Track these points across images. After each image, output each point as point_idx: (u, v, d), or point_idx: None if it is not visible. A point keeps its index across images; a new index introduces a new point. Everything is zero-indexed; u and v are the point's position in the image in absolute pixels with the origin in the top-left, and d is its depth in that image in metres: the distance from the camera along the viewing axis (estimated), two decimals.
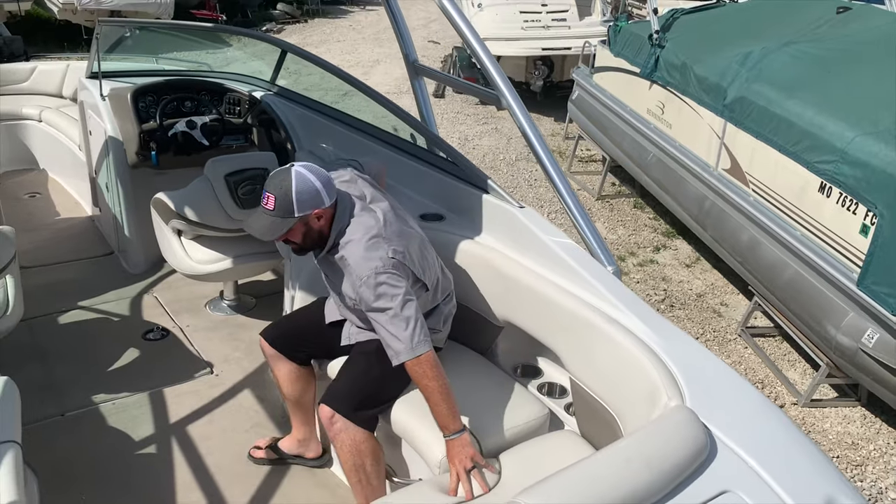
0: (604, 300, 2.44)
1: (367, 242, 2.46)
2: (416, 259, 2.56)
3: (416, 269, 2.54)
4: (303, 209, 2.42)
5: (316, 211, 2.46)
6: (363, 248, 2.45)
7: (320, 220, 2.50)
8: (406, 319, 2.37)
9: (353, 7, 21.51)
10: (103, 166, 4.63)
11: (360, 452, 2.54)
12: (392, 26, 3.50)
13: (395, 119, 3.61)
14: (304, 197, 2.41)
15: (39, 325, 3.93)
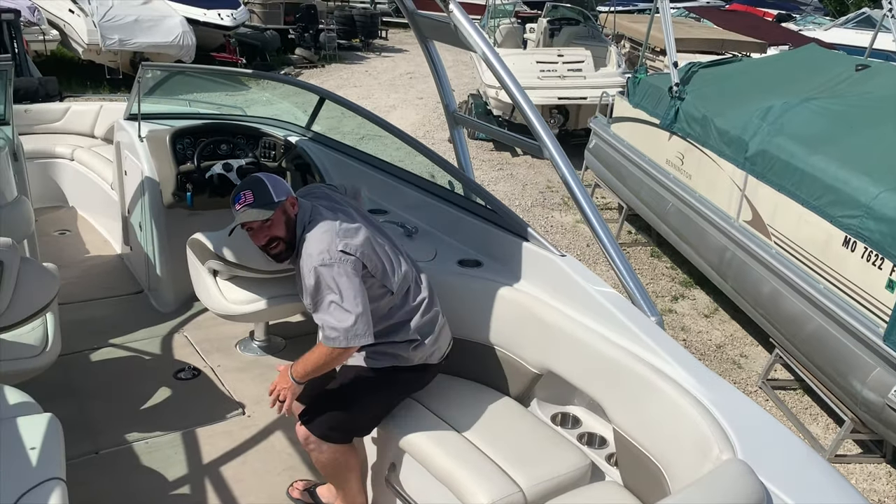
0: (648, 350, 2.48)
1: (320, 236, 2.62)
2: (374, 260, 2.68)
3: (372, 267, 2.67)
4: (279, 194, 2.66)
5: (290, 197, 2.70)
6: (316, 240, 2.62)
7: (294, 208, 2.70)
8: (347, 311, 2.53)
9: (369, 53, 21.90)
10: (138, 206, 4.71)
11: (337, 465, 2.80)
12: (433, 76, 3.60)
13: (433, 166, 3.70)
14: (276, 184, 2.70)
15: (73, 361, 3.96)
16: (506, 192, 9.42)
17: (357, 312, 2.53)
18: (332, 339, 2.56)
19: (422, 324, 2.82)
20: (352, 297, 2.54)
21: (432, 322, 2.86)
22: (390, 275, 2.74)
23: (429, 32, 3.47)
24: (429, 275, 2.95)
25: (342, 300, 2.53)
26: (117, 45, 14.17)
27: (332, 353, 2.60)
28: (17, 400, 2.71)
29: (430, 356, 2.87)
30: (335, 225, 2.66)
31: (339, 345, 2.56)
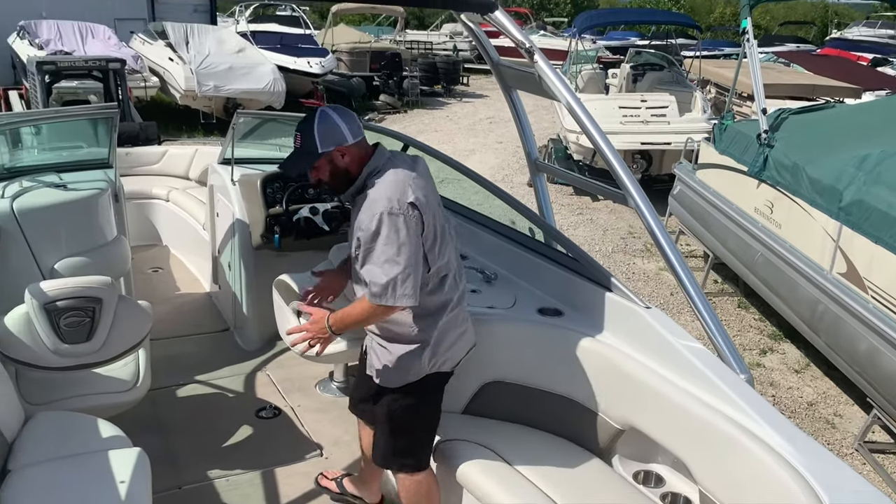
0: (737, 409, 2.38)
1: (393, 183, 2.54)
2: (431, 226, 2.59)
3: (427, 232, 2.57)
4: (325, 145, 2.57)
5: (339, 147, 2.59)
6: (386, 186, 2.53)
7: (345, 158, 2.61)
8: (399, 265, 2.45)
9: (450, 99, 22.29)
10: (227, 246, 4.89)
11: (419, 495, 2.89)
12: (516, 125, 3.62)
13: (513, 213, 3.70)
14: (325, 133, 2.57)
15: (160, 396, 4.09)
16: (586, 237, 9.32)
17: (410, 270, 2.46)
18: (377, 294, 2.48)
19: (446, 321, 2.74)
20: (408, 254, 2.46)
21: (454, 324, 2.78)
22: (435, 251, 2.64)
23: (513, 82, 3.51)
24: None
25: (398, 254, 2.45)
26: (212, 91, 14.89)
27: (374, 311, 2.54)
28: (109, 433, 2.81)
29: (441, 363, 2.78)
30: (410, 175, 2.59)
31: (383, 302, 2.48)
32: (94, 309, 3.11)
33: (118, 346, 3.26)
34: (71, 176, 4.41)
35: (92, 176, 4.43)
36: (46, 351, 3.08)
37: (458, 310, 2.80)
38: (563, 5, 48.96)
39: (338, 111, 2.66)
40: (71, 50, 14.68)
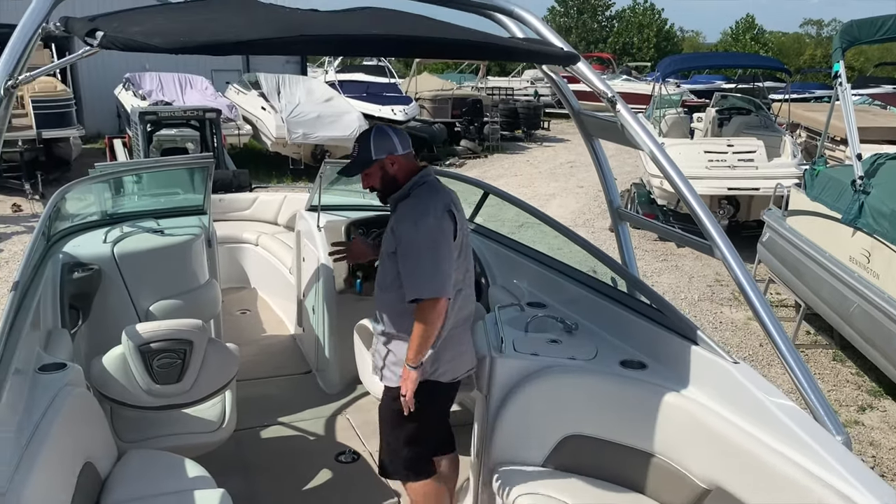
0: (834, 474, 2.25)
1: (435, 193, 2.96)
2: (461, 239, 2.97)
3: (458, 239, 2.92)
4: (379, 153, 2.95)
5: (390, 156, 2.96)
6: (429, 196, 2.94)
7: (394, 166, 2.98)
8: (437, 262, 2.80)
9: (530, 143, 22.40)
10: (312, 290, 5.01)
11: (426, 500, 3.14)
12: (598, 173, 3.61)
13: (594, 261, 3.66)
14: (379, 143, 2.96)
15: (244, 437, 4.19)
16: (670, 284, 9.10)
17: (447, 267, 2.82)
18: (418, 289, 2.79)
19: (451, 333, 3.01)
20: (446, 253, 2.83)
21: (459, 340, 3.08)
22: (458, 263, 2.96)
23: (594, 131, 3.50)
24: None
25: (437, 253, 2.80)
26: (301, 139, 15.45)
27: (424, 309, 2.79)
28: (194, 473, 2.89)
29: (440, 373, 3.03)
30: (448, 192, 3.03)
31: (429, 295, 2.77)
32: (186, 351, 3.24)
33: (206, 388, 3.37)
34: (168, 222, 4.64)
35: (187, 222, 4.65)
36: (140, 391, 3.22)
37: (463, 327, 3.11)
38: (646, 50, 48.78)
39: (391, 128, 3.07)
40: (171, 100, 15.55)
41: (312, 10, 3.15)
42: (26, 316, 2.96)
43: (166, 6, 2.94)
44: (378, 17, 3.02)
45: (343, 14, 3.09)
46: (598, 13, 51.27)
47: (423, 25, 2.88)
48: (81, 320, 3.81)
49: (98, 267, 3.95)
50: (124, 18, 2.52)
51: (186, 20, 2.52)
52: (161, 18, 2.55)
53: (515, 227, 8.96)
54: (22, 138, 14.59)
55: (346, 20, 2.90)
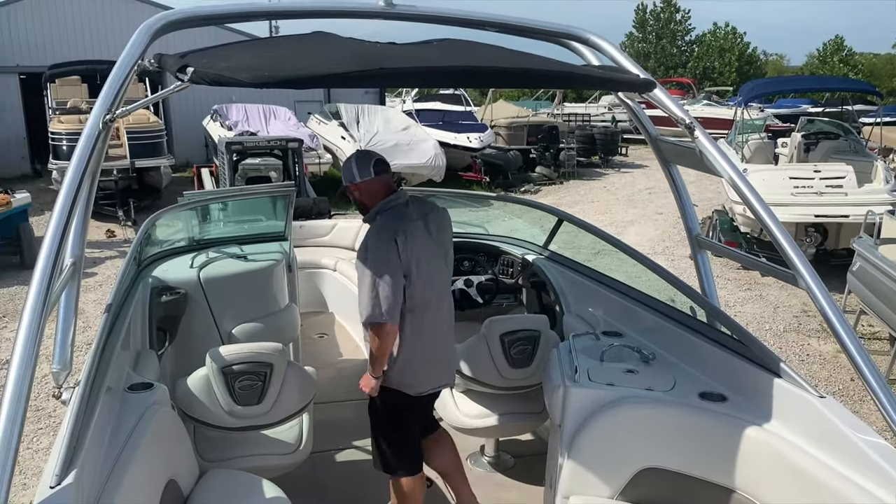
0: None
1: (390, 220, 3.18)
2: (409, 262, 3.13)
3: (405, 263, 3.11)
4: (345, 180, 3.32)
5: (351, 184, 3.28)
6: (384, 223, 3.20)
7: (357, 192, 3.29)
8: (377, 289, 3.02)
9: (608, 169, 22.18)
10: None
11: (397, 500, 3.48)
12: (675, 200, 3.54)
13: (673, 290, 3.59)
14: (345, 172, 3.31)
15: (320, 459, 4.25)
16: (754, 314, 8.81)
17: (388, 293, 3.02)
18: (361, 313, 3.10)
19: (414, 349, 3.28)
20: (389, 281, 3.03)
21: (424, 356, 3.32)
22: (411, 285, 3.16)
23: (672, 157, 3.45)
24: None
25: (379, 280, 3.03)
26: None
27: (371, 336, 3.14)
28: (272, 494, 2.95)
29: (406, 385, 3.34)
30: (408, 217, 3.22)
31: (369, 320, 3.07)
32: (266, 373, 3.33)
33: (285, 410, 3.45)
34: (251, 248, 4.80)
35: (269, 248, 4.80)
36: (221, 411, 3.32)
37: (429, 346, 3.34)
38: (728, 74, 47.74)
39: (356, 155, 3.36)
40: (256, 130, 16.14)
41: (391, 44, 3.24)
42: (117, 337, 3.10)
43: (254, 42, 3.08)
44: (454, 49, 3.08)
45: (420, 46, 3.17)
46: (677, 38, 50.58)
47: (498, 55, 2.92)
48: (168, 342, 3.97)
49: (185, 291, 4.12)
50: (213, 55, 2.65)
51: (271, 55, 2.64)
52: (247, 54, 2.68)
53: (592, 254, 8.88)
54: (117, 167, 15.39)
55: (423, 52, 2.97)
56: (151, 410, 2.81)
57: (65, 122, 15.63)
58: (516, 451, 4.40)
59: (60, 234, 2.16)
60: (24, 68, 20.42)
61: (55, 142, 15.75)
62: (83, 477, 2.15)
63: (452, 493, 3.76)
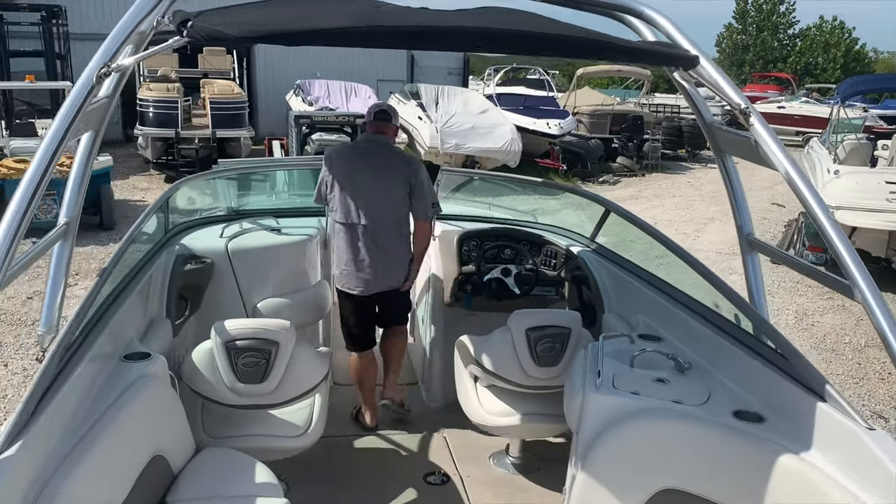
0: None
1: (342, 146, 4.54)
2: (332, 180, 4.14)
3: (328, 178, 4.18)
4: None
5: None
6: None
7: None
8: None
9: (694, 164, 21.30)
10: (423, 300, 4.88)
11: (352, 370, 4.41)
12: (728, 193, 3.19)
13: (717, 294, 3.24)
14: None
15: (335, 444, 4.11)
16: (834, 325, 8.18)
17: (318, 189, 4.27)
18: None
19: (342, 255, 4.14)
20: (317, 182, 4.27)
21: (351, 263, 4.12)
22: (334, 199, 4.13)
23: (726, 147, 3.10)
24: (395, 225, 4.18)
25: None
26: (453, 149, 15.56)
27: None
28: (263, 479, 2.81)
29: (342, 284, 4.19)
30: (351, 147, 4.81)
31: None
32: (271, 352, 3.18)
33: (292, 391, 3.30)
34: (288, 221, 4.68)
35: (306, 223, 4.67)
36: (224, 387, 3.20)
37: (358, 257, 4.10)
38: (832, 71, 45.07)
39: (373, 104, 4.45)
40: (335, 107, 16.20)
41: (423, 9, 3.01)
42: (121, 303, 3.02)
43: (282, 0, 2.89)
44: (488, 15, 2.83)
45: (454, 13, 2.93)
46: (779, 31, 48.00)
47: (536, 23, 2.65)
48: (189, 311, 3.89)
49: (211, 260, 4.03)
50: (227, 13, 2.49)
51: (283, 12, 2.44)
52: (263, 11, 2.49)
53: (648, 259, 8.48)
54: (199, 136, 15.77)
55: (449, 17, 2.73)
56: (142, 381, 2.71)
57: (153, 90, 16.07)
58: (543, 453, 4.14)
59: (34, 187, 2.04)
60: None
61: (142, 108, 16.23)
62: (37, 447, 2.05)
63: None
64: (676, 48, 2.72)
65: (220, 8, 2.61)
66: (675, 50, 2.64)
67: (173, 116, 15.83)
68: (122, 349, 2.90)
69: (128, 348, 2.93)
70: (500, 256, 4.59)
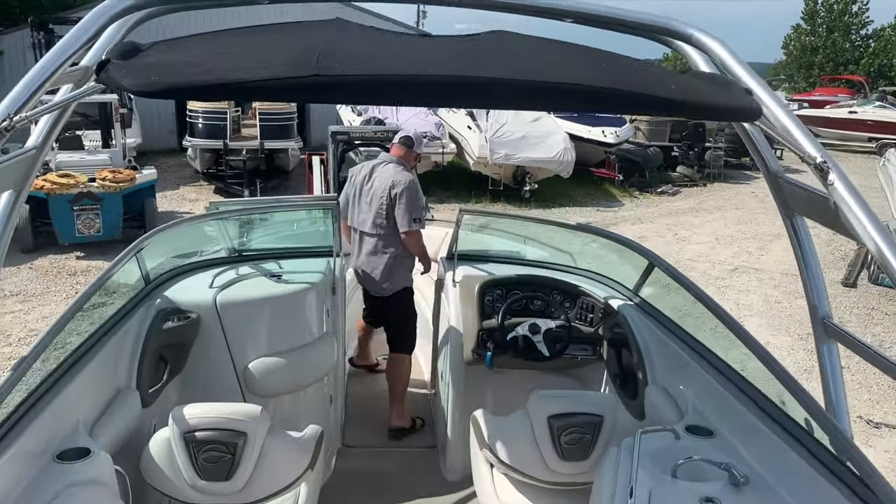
0: None
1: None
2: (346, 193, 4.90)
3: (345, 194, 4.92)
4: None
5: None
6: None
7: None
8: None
9: (757, 173, 20.11)
10: (444, 351, 4.34)
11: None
12: (797, 262, 2.53)
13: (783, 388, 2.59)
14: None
15: None
16: None
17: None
18: None
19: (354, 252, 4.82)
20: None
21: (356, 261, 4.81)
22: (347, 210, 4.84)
23: (797, 206, 2.47)
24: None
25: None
26: (503, 159, 14.99)
27: None
28: None
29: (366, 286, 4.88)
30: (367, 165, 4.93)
31: None
32: (237, 445, 2.68)
33: (264, 488, 2.80)
34: (293, 263, 4.20)
35: (313, 265, 4.16)
36: (185, 485, 2.71)
37: (358, 260, 4.81)
38: None
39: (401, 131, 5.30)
40: (385, 117, 15.77)
41: (423, 36, 2.47)
42: (70, 380, 2.58)
43: (231, 32, 2.39)
44: (495, 46, 2.28)
45: (459, 40, 2.39)
46: (851, 31, 45.53)
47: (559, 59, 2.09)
48: (168, 375, 3.43)
49: (196, 315, 3.56)
50: (153, 53, 2.00)
51: (218, 53, 1.93)
52: (194, 52, 1.99)
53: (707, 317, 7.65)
54: (247, 147, 15.60)
55: (446, 49, 2.19)
56: (72, 491, 2.24)
57: (203, 101, 15.96)
58: None
59: None
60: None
61: (191, 119, 16.16)
62: None
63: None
64: (732, 89, 2.11)
65: (163, 42, 2.13)
66: (731, 99, 2.03)
67: (222, 128, 15.72)
68: (57, 444, 2.45)
69: (67, 442, 2.48)
70: (528, 308, 4.01)
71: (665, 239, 13.25)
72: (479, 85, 1.71)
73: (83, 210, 11.15)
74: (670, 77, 2.25)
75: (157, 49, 2.00)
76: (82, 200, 11.09)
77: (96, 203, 11.23)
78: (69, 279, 10.29)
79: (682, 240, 13.34)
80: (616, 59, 2.27)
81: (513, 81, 1.75)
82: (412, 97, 1.85)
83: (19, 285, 9.83)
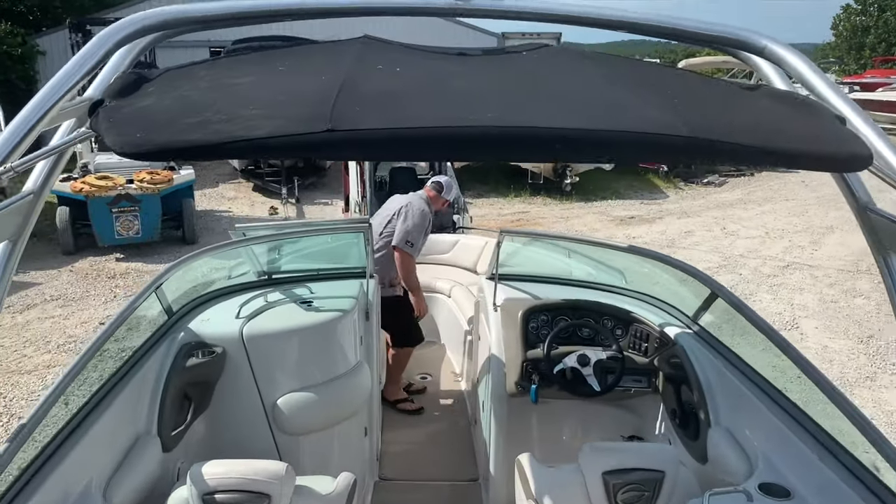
0: None
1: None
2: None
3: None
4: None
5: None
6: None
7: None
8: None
9: None
10: (484, 380, 4.08)
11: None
12: (892, 306, 2.20)
13: None
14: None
15: None
16: None
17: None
18: None
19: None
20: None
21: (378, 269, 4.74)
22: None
23: (892, 244, 2.14)
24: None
25: None
26: None
27: None
28: None
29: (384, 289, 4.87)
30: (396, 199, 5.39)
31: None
32: None
33: None
34: (325, 286, 3.97)
35: (346, 289, 3.93)
36: None
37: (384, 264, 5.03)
38: None
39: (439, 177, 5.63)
40: None
41: (459, 55, 2.19)
42: (84, 433, 2.40)
43: (244, 58, 2.14)
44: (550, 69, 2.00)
45: (501, 60, 2.12)
46: None
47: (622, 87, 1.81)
48: (191, 415, 3.23)
49: (222, 349, 3.36)
50: (174, 78, 1.77)
51: (216, 96, 1.67)
52: (202, 84, 1.75)
53: None
54: None
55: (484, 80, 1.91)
56: None
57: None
58: None
59: None
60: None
61: None
62: None
63: None
64: (826, 122, 1.79)
65: (169, 74, 1.88)
66: (839, 145, 1.71)
67: None
68: None
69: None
70: (575, 335, 3.71)
71: (713, 233, 12.77)
72: (524, 139, 1.42)
73: (122, 212, 11.15)
74: (751, 110, 1.92)
75: (159, 85, 1.76)
76: (121, 202, 11.10)
77: (135, 205, 11.23)
78: (108, 282, 10.28)
79: (730, 234, 12.85)
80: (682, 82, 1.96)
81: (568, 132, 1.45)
82: (447, 153, 1.58)
83: (59, 289, 9.83)
